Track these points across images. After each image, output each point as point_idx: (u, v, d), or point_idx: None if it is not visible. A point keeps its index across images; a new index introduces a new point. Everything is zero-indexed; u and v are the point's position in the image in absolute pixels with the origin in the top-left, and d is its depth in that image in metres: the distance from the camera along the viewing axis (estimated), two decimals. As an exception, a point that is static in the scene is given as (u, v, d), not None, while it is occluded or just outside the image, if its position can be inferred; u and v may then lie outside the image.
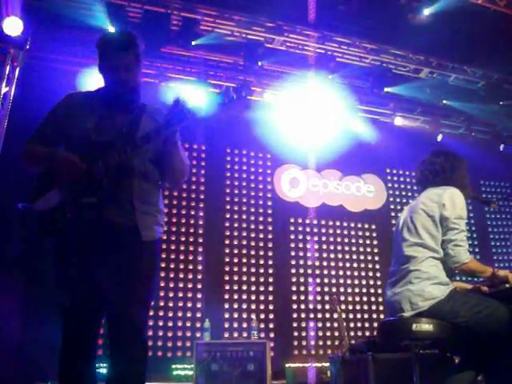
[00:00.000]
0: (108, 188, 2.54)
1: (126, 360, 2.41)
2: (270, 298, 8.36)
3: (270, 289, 8.41)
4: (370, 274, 9.15)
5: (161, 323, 7.62)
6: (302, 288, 8.65)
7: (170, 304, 7.75)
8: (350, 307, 8.78)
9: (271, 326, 8.20)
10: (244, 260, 8.43)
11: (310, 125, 8.86)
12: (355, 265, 9.13)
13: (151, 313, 7.51)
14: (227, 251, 8.41)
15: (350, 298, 8.85)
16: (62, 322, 2.56)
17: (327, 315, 8.54)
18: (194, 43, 7.60)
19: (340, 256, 9.10)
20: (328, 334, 8.44)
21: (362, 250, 9.28)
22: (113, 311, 2.49)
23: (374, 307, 8.93)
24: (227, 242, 8.46)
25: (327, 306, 8.52)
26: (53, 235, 2.60)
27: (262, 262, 8.52)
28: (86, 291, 2.50)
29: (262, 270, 8.47)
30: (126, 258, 2.51)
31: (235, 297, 8.18)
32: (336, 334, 8.30)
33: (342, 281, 8.93)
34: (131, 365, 2.42)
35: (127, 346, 2.42)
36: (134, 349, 2.43)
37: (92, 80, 7.55)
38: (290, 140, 8.82)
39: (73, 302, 2.53)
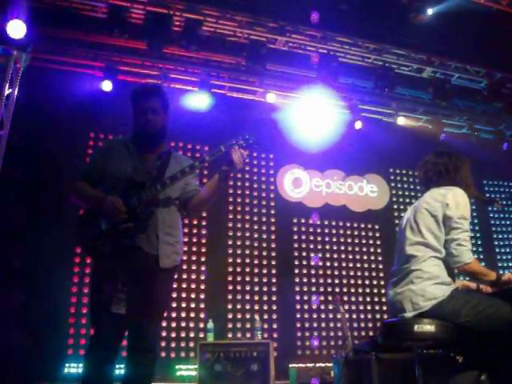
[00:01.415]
0: (140, 218, 3.07)
1: (139, 367, 2.96)
2: (274, 298, 8.36)
3: (274, 289, 8.41)
4: (374, 273, 9.14)
5: (164, 324, 7.61)
6: (306, 288, 8.65)
7: (174, 305, 7.75)
8: (354, 307, 8.78)
9: (274, 326, 8.19)
10: (247, 260, 8.43)
11: (312, 125, 8.84)
12: (358, 265, 9.12)
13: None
14: (230, 251, 8.41)
15: (353, 298, 8.85)
16: (94, 329, 3.08)
17: (330, 315, 8.54)
18: (196, 44, 7.60)
19: (343, 256, 9.09)
20: (331, 334, 8.44)
21: (365, 250, 9.27)
22: (131, 325, 3.01)
23: (377, 307, 8.92)
24: (230, 242, 8.47)
25: (330, 306, 8.52)
26: (97, 256, 3.15)
27: (265, 262, 8.52)
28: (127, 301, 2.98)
29: (265, 271, 8.47)
30: (148, 282, 3.03)
31: (238, 297, 8.18)
32: (339, 334, 8.30)
33: (345, 281, 8.93)
34: (142, 371, 2.97)
35: (142, 356, 2.97)
36: (148, 358, 2.98)
37: (94, 83, 7.64)
38: (292, 140, 8.82)
39: (104, 312, 2.96)
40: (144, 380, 3.00)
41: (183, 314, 7.77)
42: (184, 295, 7.86)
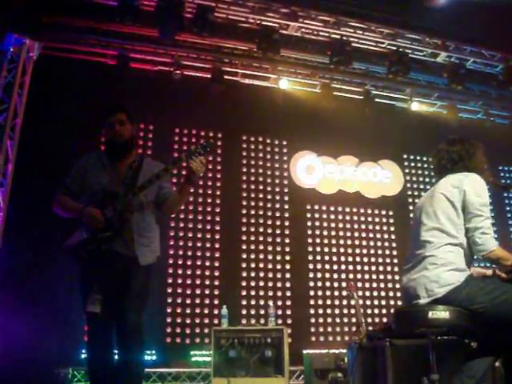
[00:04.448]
0: (116, 226, 3.43)
1: (128, 351, 3.32)
2: (288, 284, 8.38)
3: (287, 275, 8.43)
4: (388, 260, 9.13)
5: (179, 310, 7.69)
6: (319, 275, 8.66)
7: (188, 291, 7.81)
8: (367, 293, 8.78)
9: (288, 312, 8.23)
10: (261, 247, 8.45)
11: (325, 111, 8.79)
12: (372, 251, 9.11)
13: (169, 300, 7.64)
14: (244, 238, 8.44)
15: (367, 285, 8.85)
16: (88, 324, 3.45)
17: (344, 302, 8.55)
18: (208, 31, 7.55)
19: (357, 242, 9.08)
20: (345, 320, 8.45)
21: (379, 236, 9.25)
22: (118, 316, 3.37)
23: (391, 293, 8.91)
24: (244, 229, 8.49)
25: (344, 293, 8.52)
26: (80, 262, 3.48)
27: (278, 248, 8.54)
28: (103, 301, 3.33)
29: (279, 257, 8.49)
30: (127, 278, 3.40)
31: (252, 284, 8.22)
32: (353, 320, 8.30)
33: (359, 267, 8.92)
34: (132, 355, 3.32)
35: (128, 341, 3.32)
36: (133, 342, 3.33)
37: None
38: (305, 127, 8.80)
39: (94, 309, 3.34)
40: (132, 364, 3.33)
41: (198, 301, 7.83)
42: (198, 282, 7.91)
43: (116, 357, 3.44)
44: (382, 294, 8.89)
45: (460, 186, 3.15)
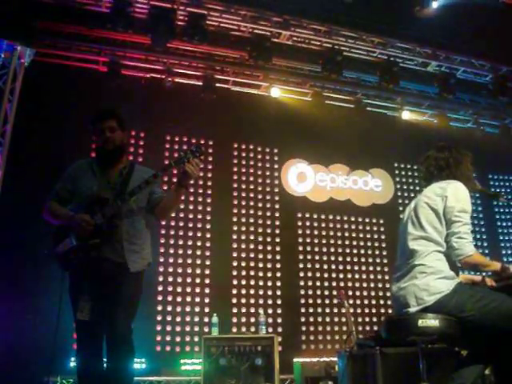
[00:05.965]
0: (105, 232, 3.40)
1: (118, 359, 3.30)
2: (278, 292, 8.37)
3: (278, 283, 8.42)
4: (378, 268, 9.14)
5: (169, 318, 7.65)
6: (310, 283, 8.65)
7: (178, 299, 7.78)
8: (358, 302, 8.78)
9: (279, 320, 8.21)
10: (251, 255, 8.44)
11: (316, 119, 8.82)
12: (363, 259, 9.11)
13: (159, 308, 7.59)
14: (235, 246, 8.42)
15: (357, 293, 8.84)
16: (78, 331, 3.45)
17: (335, 310, 8.54)
18: (200, 38, 7.57)
19: (348, 251, 9.09)
20: (336, 328, 8.44)
21: (369, 244, 9.26)
22: (108, 324, 3.33)
23: (381, 302, 8.92)
24: (235, 236, 8.47)
25: (335, 301, 8.52)
26: (69, 269, 3.48)
27: (269, 256, 8.53)
28: (92, 309, 3.33)
29: (269, 265, 8.48)
30: (117, 285, 3.37)
31: (243, 292, 8.20)
32: (344, 328, 8.30)
33: (349, 275, 8.92)
34: (122, 363, 3.30)
35: (118, 349, 3.30)
36: (122, 350, 3.30)
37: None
38: (297, 135, 8.82)
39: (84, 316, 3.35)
40: (121, 372, 3.30)
41: (188, 309, 7.79)
42: (189, 290, 7.88)
43: (105, 365, 3.39)
44: (373, 302, 8.89)
45: (442, 194, 3.18)
